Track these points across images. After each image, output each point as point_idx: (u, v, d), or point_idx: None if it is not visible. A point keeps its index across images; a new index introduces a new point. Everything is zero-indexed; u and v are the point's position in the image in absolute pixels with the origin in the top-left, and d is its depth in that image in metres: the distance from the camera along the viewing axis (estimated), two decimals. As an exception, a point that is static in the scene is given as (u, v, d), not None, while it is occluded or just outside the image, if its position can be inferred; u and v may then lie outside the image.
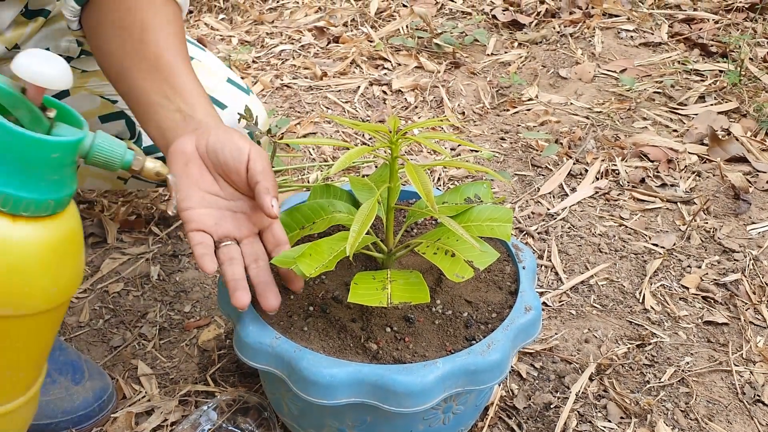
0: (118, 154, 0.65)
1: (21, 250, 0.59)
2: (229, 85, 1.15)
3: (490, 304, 0.83)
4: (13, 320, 0.62)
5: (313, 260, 0.73)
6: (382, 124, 0.80)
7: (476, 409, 0.88)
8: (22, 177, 0.58)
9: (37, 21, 1.02)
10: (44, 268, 0.61)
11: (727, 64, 1.85)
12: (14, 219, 0.59)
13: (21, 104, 0.59)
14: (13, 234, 0.59)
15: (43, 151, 0.58)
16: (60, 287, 0.64)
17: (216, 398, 0.95)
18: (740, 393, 1.01)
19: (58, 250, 0.62)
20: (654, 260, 1.24)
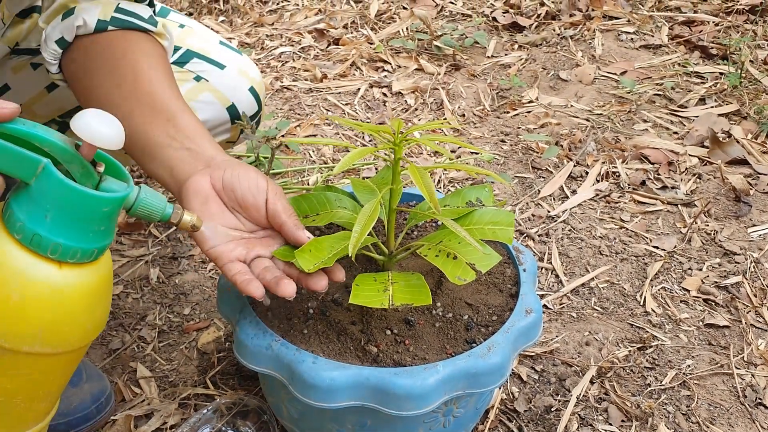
0: (160, 207, 0.70)
1: (66, 295, 0.63)
2: (222, 47, 1.16)
3: (490, 307, 0.83)
4: (50, 357, 0.65)
5: (313, 256, 0.72)
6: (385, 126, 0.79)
7: (477, 413, 0.88)
8: (73, 228, 0.62)
9: (32, 18, 1.02)
10: (84, 310, 0.65)
11: (727, 66, 1.85)
12: (61, 266, 0.62)
13: (74, 159, 0.63)
14: (59, 280, 0.62)
15: (96, 205, 0.63)
16: (94, 326, 0.68)
17: (215, 401, 0.94)
18: (741, 396, 1.01)
19: (96, 293, 0.66)
20: (655, 263, 1.24)
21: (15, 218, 0.61)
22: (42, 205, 0.61)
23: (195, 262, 1.24)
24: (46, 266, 0.62)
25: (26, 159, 0.60)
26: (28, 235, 0.61)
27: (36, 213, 0.61)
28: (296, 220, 0.76)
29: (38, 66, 1.07)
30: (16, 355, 0.63)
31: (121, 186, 0.66)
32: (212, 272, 1.22)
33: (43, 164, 0.60)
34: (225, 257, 0.76)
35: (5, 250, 0.61)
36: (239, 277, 0.75)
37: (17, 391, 0.67)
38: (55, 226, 0.61)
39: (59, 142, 0.62)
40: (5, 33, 0.97)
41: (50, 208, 0.61)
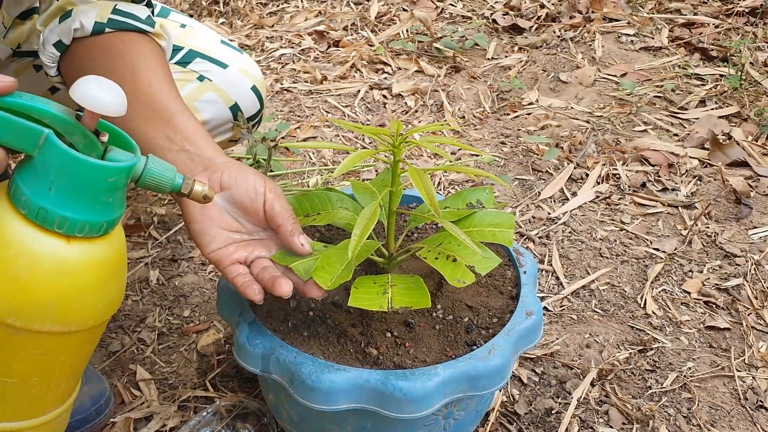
0: (169, 177, 0.67)
1: (75, 270, 0.62)
2: (224, 46, 1.17)
3: (491, 309, 0.83)
4: (62, 336, 0.63)
5: (327, 272, 0.73)
6: (384, 128, 0.79)
7: (477, 415, 0.88)
8: (79, 200, 0.60)
9: (32, 19, 1.02)
10: (95, 287, 0.63)
11: (727, 68, 1.85)
12: (69, 240, 0.61)
13: (76, 130, 0.61)
14: (67, 254, 0.61)
15: (101, 176, 0.60)
16: (106, 304, 0.66)
17: (215, 404, 0.94)
18: (743, 399, 1.01)
19: (108, 269, 0.65)
20: (655, 265, 1.24)
21: (20, 192, 0.59)
22: (46, 177, 0.59)
23: (195, 264, 1.24)
24: (54, 241, 0.60)
25: (27, 130, 0.58)
26: (33, 209, 0.59)
27: (40, 186, 0.59)
28: (293, 224, 0.76)
29: (41, 68, 1.07)
30: (27, 335, 0.62)
31: (127, 156, 0.64)
32: (212, 274, 1.22)
33: (44, 135, 0.58)
34: (226, 260, 0.76)
35: (11, 226, 0.59)
36: (239, 280, 0.75)
37: (32, 372, 0.65)
38: (60, 198, 0.59)
39: (59, 113, 0.60)
40: (7, 35, 0.98)
41: (54, 180, 0.59)
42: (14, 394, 0.66)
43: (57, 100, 1.07)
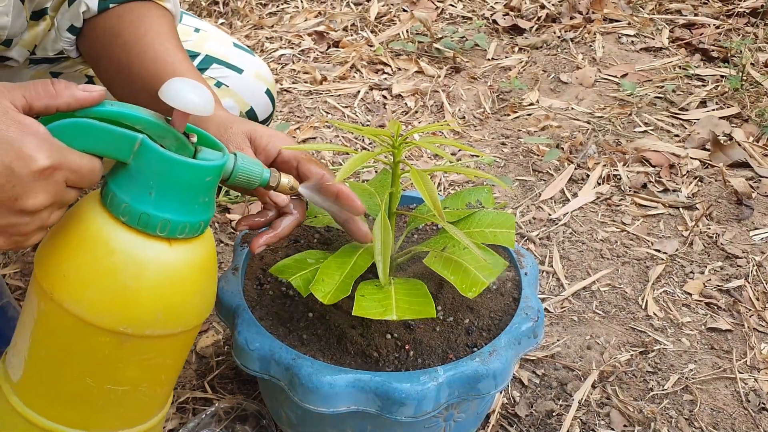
0: (257, 172, 0.68)
1: (179, 273, 0.63)
2: (237, 50, 1.19)
3: (491, 311, 0.82)
4: (170, 338, 0.65)
5: (327, 285, 0.72)
6: (383, 129, 0.79)
7: (478, 417, 0.87)
8: (179, 202, 0.61)
9: (45, 20, 1.03)
10: (197, 287, 0.65)
11: (728, 69, 1.84)
12: (170, 243, 0.62)
13: (167, 133, 0.61)
14: (171, 258, 0.62)
15: (199, 175, 0.61)
16: (207, 302, 0.67)
17: (214, 406, 0.94)
18: (745, 401, 1.00)
19: (206, 268, 0.66)
20: (656, 266, 1.23)
21: (119, 200, 0.60)
22: (145, 182, 0.59)
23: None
24: (157, 245, 0.61)
25: (122, 137, 0.58)
26: (135, 215, 0.59)
27: (140, 191, 0.59)
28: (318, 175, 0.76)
29: (58, 75, 1.08)
30: (138, 340, 0.62)
31: (216, 155, 0.65)
32: (211, 275, 1.22)
33: (139, 140, 0.59)
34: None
35: (114, 235, 0.60)
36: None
37: (142, 378, 0.66)
38: (160, 202, 0.60)
39: (150, 118, 0.61)
40: (23, 36, 0.98)
41: (153, 184, 0.59)
42: (125, 401, 0.66)
43: None
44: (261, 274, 0.88)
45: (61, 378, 0.64)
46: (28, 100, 0.57)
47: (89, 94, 0.58)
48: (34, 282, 0.63)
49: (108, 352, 0.62)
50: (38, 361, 0.64)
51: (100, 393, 0.65)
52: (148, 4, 0.89)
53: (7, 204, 0.55)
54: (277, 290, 0.85)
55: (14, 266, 1.23)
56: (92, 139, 0.58)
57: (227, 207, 1.37)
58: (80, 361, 0.63)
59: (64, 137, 0.57)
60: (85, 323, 0.60)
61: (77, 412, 0.66)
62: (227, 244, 1.29)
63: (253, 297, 0.84)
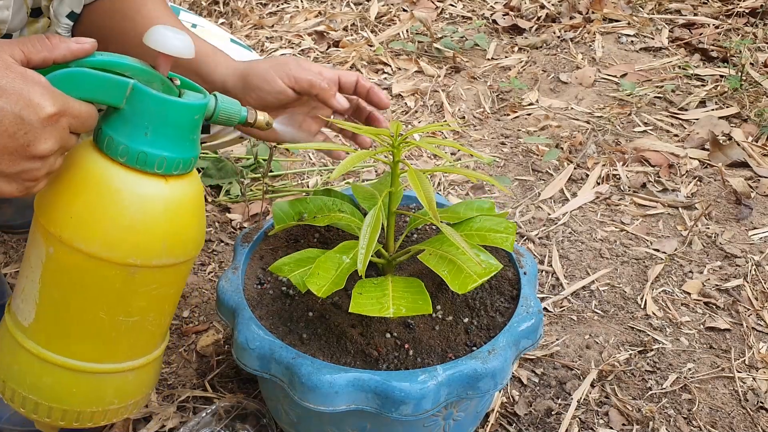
0: (236, 110, 0.74)
1: (178, 206, 0.68)
2: (234, 45, 1.20)
3: (491, 310, 0.83)
4: (174, 267, 0.70)
5: (322, 279, 0.73)
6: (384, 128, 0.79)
7: (477, 416, 0.88)
8: (172, 140, 0.66)
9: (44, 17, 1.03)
10: (194, 218, 0.70)
11: (727, 69, 1.84)
12: (167, 179, 0.66)
13: (155, 77, 0.66)
14: (170, 192, 0.67)
15: (189, 113, 0.66)
16: (202, 234, 0.73)
17: (214, 405, 0.94)
18: (743, 400, 1.01)
19: (198, 203, 0.71)
20: (655, 266, 1.24)
21: (116, 143, 0.64)
22: (139, 123, 0.64)
23: (194, 265, 1.24)
24: (155, 182, 0.66)
25: (114, 83, 0.63)
26: (133, 155, 0.64)
27: (136, 132, 0.64)
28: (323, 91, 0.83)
29: None
30: (146, 271, 0.67)
31: (198, 96, 0.70)
32: (211, 275, 1.22)
33: (131, 85, 0.63)
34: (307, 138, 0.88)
35: (116, 175, 0.64)
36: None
37: (149, 308, 0.71)
38: (156, 140, 0.64)
39: (137, 65, 0.65)
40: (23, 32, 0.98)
41: (148, 125, 0.64)
42: (134, 332, 0.72)
43: None
44: (261, 274, 0.88)
45: (75, 315, 0.68)
46: (26, 54, 0.60)
47: (82, 45, 0.63)
48: (39, 229, 0.67)
49: (119, 285, 0.67)
50: (51, 302, 0.68)
51: (112, 325, 0.69)
52: None
53: (20, 151, 0.58)
54: (277, 289, 0.86)
55: (15, 266, 1.23)
56: (88, 86, 0.62)
57: (227, 207, 1.38)
58: (93, 296, 0.67)
59: (63, 86, 0.61)
60: (97, 259, 0.65)
61: (91, 345, 0.70)
62: (227, 244, 1.29)
63: (253, 296, 0.84)
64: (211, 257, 1.26)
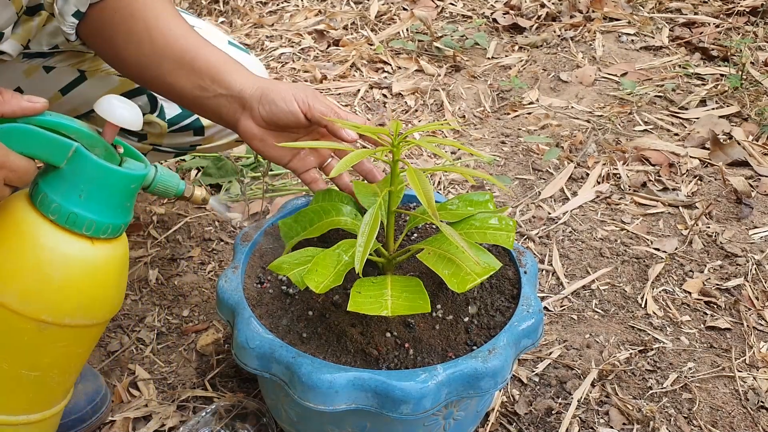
0: (174, 183, 0.77)
1: (100, 268, 0.69)
2: (232, 48, 1.20)
3: (491, 309, 0.83)
4: (86, 329, 0.71)
5: (320, 276, 0.73)
6: (383, 127, 0.79)
7: (477, 415, 0.87)
8: (105, 205, 0.68)
9: (40, 15, 1.03)
10: (114, 282, 0.72)
11: (728, 68, 1.84)
12: (93, 242, 0.68)
13: (98, 143, 0.69)
14: (94, 255, 0.68)
15: (125, 182, 0.69)
16: (120, 297, 0.74)
17: (214, 404, 0.94)
18: (743, 399, 1.01)
19: (122, 266, 0.73)
20: (656, 265, 1.24)
21: (49, 200, 0.66)
22: (75, 185, 0.66)
23: (194, 264, 1.24)
24: (81, 243, 0.67)
25: (59, 144, 0.65)
26: (64, 214, 0.66)
27: (70, 193, 0.66)
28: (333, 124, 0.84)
29: (51, 69, 1.08)
30: (57, 329, 0.68)
31: (139, 166, 0.72)
32: (211, 274, 1.22)
33: (74, 147, 0.65)
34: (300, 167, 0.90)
35: (43, 231, 0.66)
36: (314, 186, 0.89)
37: (54, 364, 0.72)
38: (88, 204, 0.67)
39: (84, 129, 0.68)
40: (16, 30, 0.98)
41: (84, 188, 0.66)
42: (36, 386, 0.72)
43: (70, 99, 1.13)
44: (261, 273, 0.88)
45: None
46: None
47: (33, 105, 0.65)
48: None
49: (27, 339, 0.68)
50: None
51: (12, 377, 0.70)
52: None
53: None
54: (277, 288, 0.85)
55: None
56: (31, 143, 0.65)
57: (227, 206, 1.37)
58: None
59: (7, 140, 0.63)
60: (8, 310, 0.66)
61: None
62: (227, 243, 1.29)
63: (253, 295, 0.84)
64: (210, 256, 1.26)
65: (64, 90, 1.11)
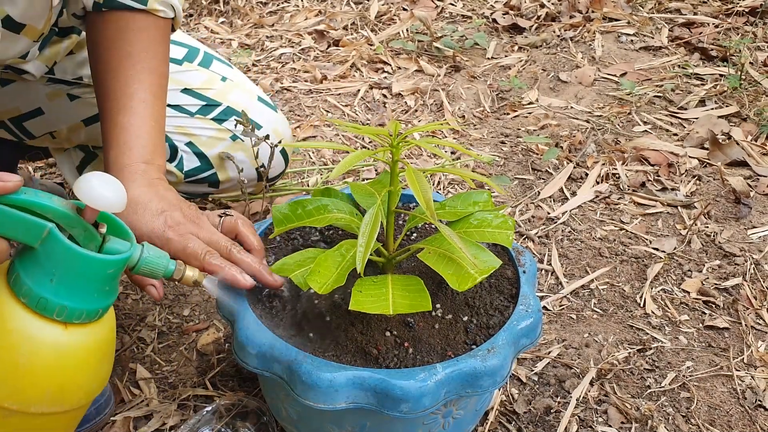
0: (162, 265, 0.71)
1: (72, 355, 0.65)
2: (260, 104, 1.18)
3: (490, 309, 0.83)
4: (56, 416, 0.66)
5: (323, 276, 0.73)
6: (382, 128, 0.80)
7: (476, 414, 0.88)
8: (78, 291, 0.63)
9: (71, 38, 1.03)
10: (89, 369, 0.67)
11: (727, 68, 1.85)
12: (66, 326, 0.64)
13: (77, 223, 0.64)
14: (65, 341, 0.64)
15: (101, 268, 0.64)
16: (99, 382, 0.69)
17: (215, 403, 0.94)
18: (741, 398, 1.01)
19: (101, 350, 0.68)
20: (655, 264, 1.24)
21: (21, 282, 0.62)
22: (48, 268, 0.62)
23: (195, 264, 1.24)
24: (53, 328, 0.63)
25: (32, 224, 0.61)
26: (34, 298, 0.62)
27: (42, 277, 0.62)
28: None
29: (76, 98, 1.08)
30: (23, 416, 0.64)
31: (124, 245, 0.67)
32: (212, 273, 1.22)
33: (47, 229, 0.61)
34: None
35: (12, 313, 0.62)
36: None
37: None
38: (60, 289, 0.62)
39: (60, 208, 0.63)
40: (43, 51, 0.98)
41: (56, 272, 0.62)
42: None
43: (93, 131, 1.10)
44: (261, 272, 0.88)
45: None
46: None
47: (4, 184, 0.61)
48: None
49: None
50: None
51: None
52: (138, 16, 0.89)
53: None
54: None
55: None
56: (3, 223, 0.61)
57: (227, 206, 1.38)
58: None
59: None
60: None
61: None
62: (228, 243, 1.29)
63: (253, 294, 0.84)
64: (211, 256, 1.26)
65: (87, 121, 1.11)
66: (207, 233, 0.80)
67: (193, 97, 1.12)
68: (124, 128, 0.84)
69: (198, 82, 1.13)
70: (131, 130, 0.84)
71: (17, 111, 1.10)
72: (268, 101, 1.20)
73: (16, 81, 1.05)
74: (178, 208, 0.81)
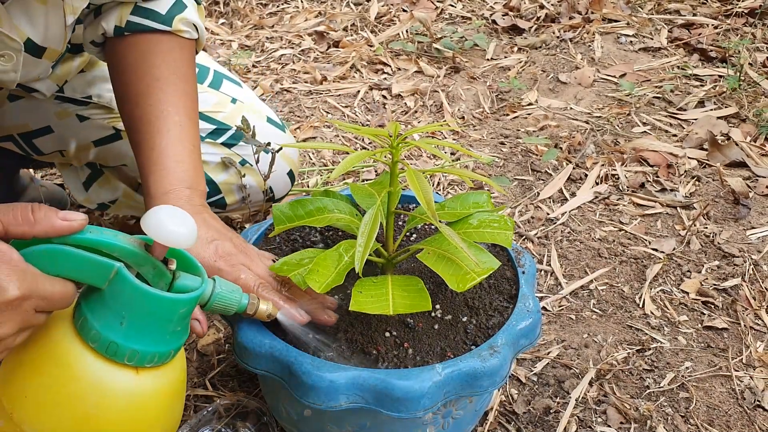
0: (236, 299, 0.68)
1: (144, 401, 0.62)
2: (269, 125, 1.17)
3: (489, 309, 0.83)
4: None
5: (321, 275, 0.73)
6: (382, 129, 0.80)
7: (476, 414, 0.88)
8: (150, 333, 0.60)
9: (83, 56, 1.02)
10: (162, 413, 0.64)
11: (726, 69, 1.85)
12: (138, 371, 0.61)
13: (146, 261, 0.61)
14: (137, 386, 0.61)
15: (173, 308, 0.61)
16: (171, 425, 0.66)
17: (215, 403, 0.94)
18: (740, 398, 1.01)
19: (174, 393, 0.65)
20: (654, 265, 1.24)
21: (89, 326, 0.59)
22: (117, 311, 0.59)
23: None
24: (123, 374, 0.60)
25: (99, 265, 0.58)
26: (104, 343, 0.59)
27: (111, 320, 0.59)
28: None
29: (85, 119, 1.07)
30: None
31: (195, 281, 0.64)
32: (212, 274, 1.23)
33: (116, 269, 0.58)
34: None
35: (81, 360, 0.59)
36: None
37: None
38: (131, 332, 0.59)
39: (127, 246, 0.60)
40: (55, 70, 0.97)
41: (125, 314, 0.59)
42: None
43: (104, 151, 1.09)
44: (261, 273, 0.88)
45: None
46: (5, 225, 0.56)
47: (69, 223, 0.58)
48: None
49: None
50: None
51: None
52: (163, 38, 0.88)
53: None
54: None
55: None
56: (68, 265, 0.58)
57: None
58: None
59: (39, 263, 0.56)
60: None
61: None
62: (228, 243, 1.29)
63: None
64: (211, 257, 1.27)
65: (97, 142, 1.10)
66: (257, 265, 0.79)
67: (204, 121, 1.10)
68: (163, 152, 0.81)
69: (208, 105, 1.11)
70: (171, 154, 0.82)
71: (27, 127, 1.09)
72: (276, 121, 1.19)
73: (24, 98, 1.05)
74: (228, 237, 0.79)
